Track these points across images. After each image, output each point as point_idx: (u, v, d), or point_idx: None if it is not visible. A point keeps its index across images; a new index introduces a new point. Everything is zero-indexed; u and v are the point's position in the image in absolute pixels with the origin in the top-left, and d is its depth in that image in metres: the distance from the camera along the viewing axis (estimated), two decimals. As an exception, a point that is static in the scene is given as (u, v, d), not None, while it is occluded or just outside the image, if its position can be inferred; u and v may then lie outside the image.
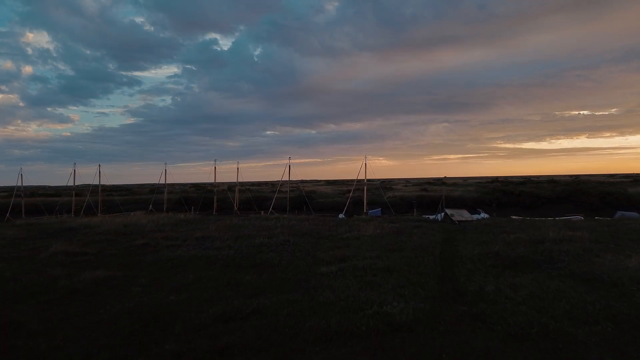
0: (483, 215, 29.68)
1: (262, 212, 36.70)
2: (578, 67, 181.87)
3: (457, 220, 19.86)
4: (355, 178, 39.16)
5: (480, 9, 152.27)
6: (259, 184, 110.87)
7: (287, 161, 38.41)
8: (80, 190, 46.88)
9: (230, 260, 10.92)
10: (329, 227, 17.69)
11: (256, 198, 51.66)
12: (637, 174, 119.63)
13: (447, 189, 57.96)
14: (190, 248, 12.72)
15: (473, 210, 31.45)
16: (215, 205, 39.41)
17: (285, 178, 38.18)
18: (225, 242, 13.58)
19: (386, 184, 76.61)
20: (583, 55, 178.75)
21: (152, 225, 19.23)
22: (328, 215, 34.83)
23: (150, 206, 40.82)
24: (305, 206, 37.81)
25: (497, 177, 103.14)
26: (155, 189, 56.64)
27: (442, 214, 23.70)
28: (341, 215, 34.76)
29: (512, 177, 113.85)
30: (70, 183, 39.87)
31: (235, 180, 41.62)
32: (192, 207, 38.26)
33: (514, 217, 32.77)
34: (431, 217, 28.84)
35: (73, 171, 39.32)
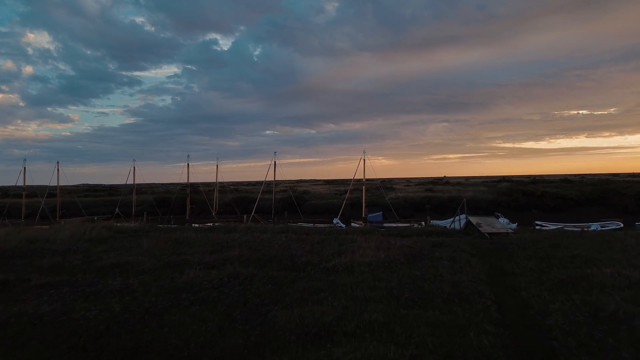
0: (503, 220, 24.44)
1: (245, 217, 31.88)
2: (578, 67, 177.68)
3: (488, 233, 14.60)
4: (353, 177, 34.04)
5: (479, 10, 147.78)
6: (255, 184, 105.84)
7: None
8: (65, 192, 42.56)
9: (102, 330, 5.63)
10: (310, 245, 12.39)
11: (242, 199, 46.76)
12: None
13: (453, 189, 52.85)
14: (61, 294, 7.42)
15: (491, 215, 26.30)
16: (188, 209, 33.96)
17: (270, 178, 32.94)
18: (131, 280, 8.30)
19: (386, 184, 71.70)
20: (583, 55, 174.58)
21: (70, 241, 13.96)
22: (319, 221, 29.86)
23: (117, 209, 35.51)
24: (286, 210, 32.57)
25: (504, 177, 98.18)
26: (134, 189, 52.01)
27: (464, 219, 18.29)
28: (336, 220, 29.64)
29: (513, 176, 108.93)
30: (20, 183, 34.68)
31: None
32: (145, 213, 32.39)
33: (539, 222, 27.58)
34: (444, 223, 23.56)
35: (23, 169, 33.97)
